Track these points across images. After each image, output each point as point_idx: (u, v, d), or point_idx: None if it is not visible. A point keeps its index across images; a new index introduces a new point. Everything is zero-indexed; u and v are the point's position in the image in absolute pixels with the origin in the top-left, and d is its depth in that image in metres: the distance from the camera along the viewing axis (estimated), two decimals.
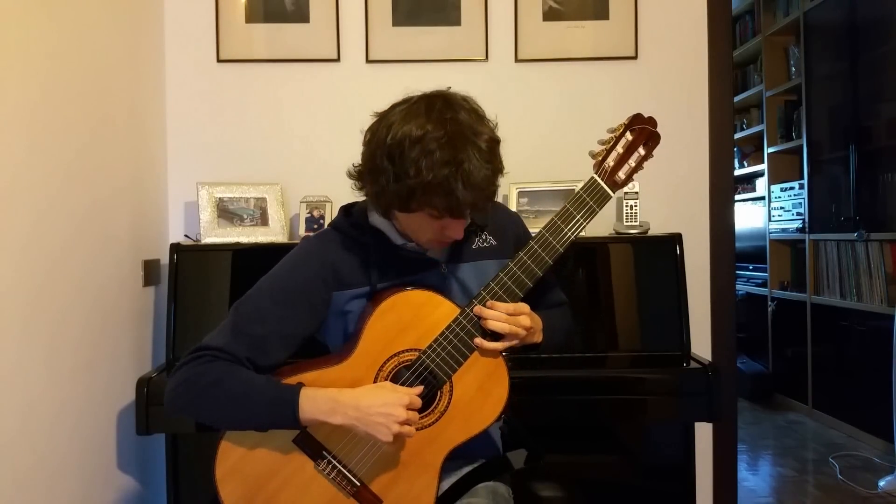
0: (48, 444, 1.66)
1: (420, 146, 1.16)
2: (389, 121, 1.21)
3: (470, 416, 1.28)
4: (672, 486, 2.08)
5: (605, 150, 1.33)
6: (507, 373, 1.29)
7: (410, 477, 1.28)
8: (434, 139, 1.16)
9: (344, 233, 1.34)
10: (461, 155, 1.16)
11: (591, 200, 1.30)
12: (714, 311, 2.39)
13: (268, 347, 1.26)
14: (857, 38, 3.76)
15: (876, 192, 3.62)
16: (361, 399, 1.21)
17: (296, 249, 1.35)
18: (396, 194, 1.19)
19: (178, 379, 1.24)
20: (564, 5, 2.36)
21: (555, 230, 1.29)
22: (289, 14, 2.34)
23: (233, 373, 1.22)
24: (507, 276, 1.27)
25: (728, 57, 2.43)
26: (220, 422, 1.26)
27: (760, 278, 4.71)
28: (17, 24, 1.54)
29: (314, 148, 2.36)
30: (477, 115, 1.22)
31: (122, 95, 2.06)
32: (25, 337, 1.57)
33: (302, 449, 1.26)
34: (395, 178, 1.18)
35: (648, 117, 1.34)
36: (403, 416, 1.19)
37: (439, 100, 1.21)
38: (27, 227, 1.57)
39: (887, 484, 2.97)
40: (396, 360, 1.27)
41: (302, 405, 1.20)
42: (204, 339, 1.27)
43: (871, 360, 3.51)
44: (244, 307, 1.28)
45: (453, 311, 1.27)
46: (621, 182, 1.33)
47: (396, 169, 1.18)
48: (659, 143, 1.34)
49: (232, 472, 1.26)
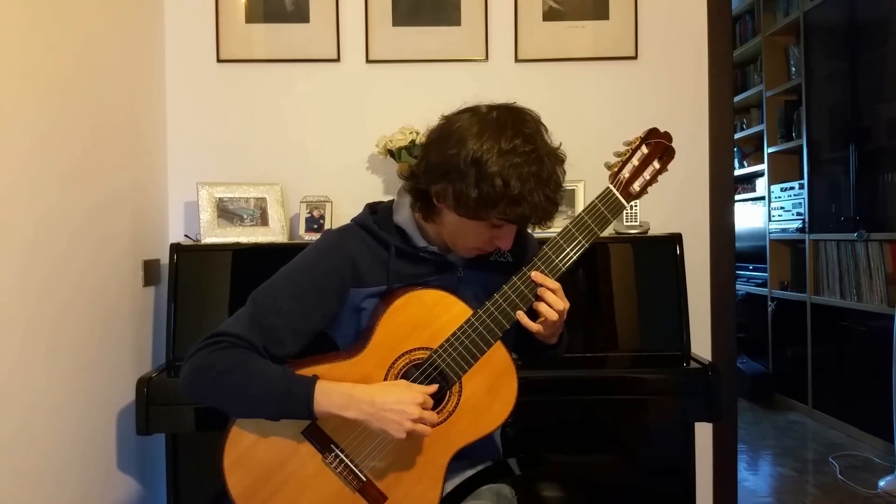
0: (48, 444, 1.66)
1: (509, 158, 1.19)
2: (466, 128, 1.23)
3: (478, 418, 1.29)
4: (672, 486, 2.08)
5: (621, 161, 1.35)
6: (517, 377, 1.29)
7: (417, 475, 1.28)
8: (524, 153, 1.19)
9: (367, 229, 1.35)
10: (547, 170, 1.21)
11: (606, 210, 1.33)
12: (714, 311, 2.39)
13: (283, 338, 1.27)
14: (857, 38, 3.76)
15: (876, 192, 3.62)
16: (376, 395, 1.22)
17: (317, 242, 1.37)
18: (476, 200, 1.20)
19: (194, 363, 1.24)
20: (564, 5, 2.36)
21: (569, 237, 1.31)
22: (289, 14, 2.34)
23: (249, 361, 1.23)
24: (521, 281, 1.29)
25: (728, 57, 2.43)
26: (234, 408, 1.27)
27: (760, 278, 4.71)
28: (18, 24, 1.54)
29: (314, 148, 2.37)
30: (546, 130, 1.28)
31: (122, 95, 2.06)
32: (26, 336, 1.57)
33: (311, 441, 1.27)
34: (476, 183, 1.20)
35: (664, 132, 1.37)
36: (417, 413, 1.20)
37: (514, 113, 1.26)
38: (29, 228, 1.57)
39: (887, 484, 2.97)
40: (408, 358, 1.28)
41: (317, 398, 1.21)
42: (221, 325, 1.28)
43: (871, 360, 3.51)
44: (263, 297, 1.30)
45: (466, 312, 1.28)
46: (636, 194, 1.35)
47: (479, 176, 1.19)
48: (674, 157, 1.37)
49: (240, 461, 1.27)
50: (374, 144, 2.25)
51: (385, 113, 2.33)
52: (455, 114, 1.29)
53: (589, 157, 1.56)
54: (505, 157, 1.19)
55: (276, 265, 1.35)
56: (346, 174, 2.35)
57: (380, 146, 2.22)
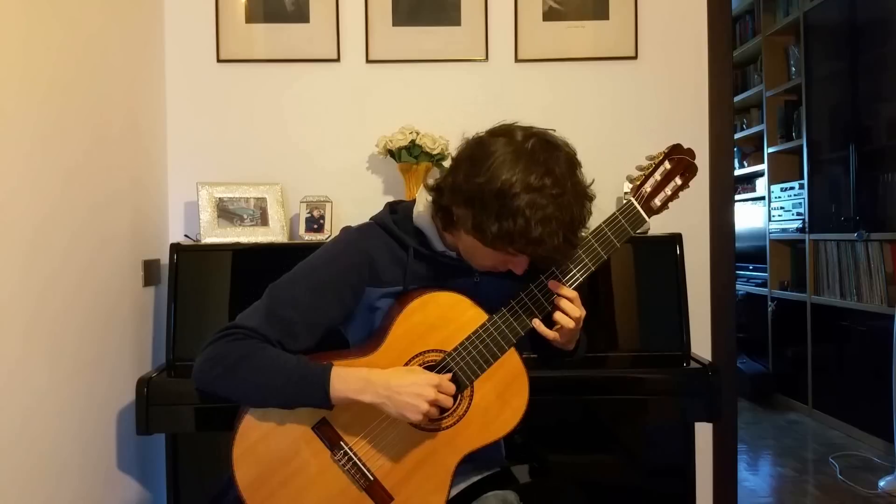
0: (49, 444, 1.66)
1: (535, 197, 1.16)
2: (499, 156, 1.19)
3: (488, 423, 1.29)
4: (672, 486, 2.08)
5: (644, 175, 1.36)
6: (528, 385, 1.30)
7: (424, 477, 1.29)
8: (551, 196, 1.16)
9: (386, 229, 1.36)
10: (570, 215, 1.18)
11: (626, 223, 1.33)
12: (714, 311, 2.39)
13: (298, 332, 1.28)
14: (857, 38, 3.76)
15: (876, 192, 3.62)
16: (392, 378, 1.22)
17: (336, 239, 1.38)
18: (495, 234, 1.18)
19: (207, 354, 1.25)
20: (564, 5, 2.36)
21: (589, 249, 1.31)
22: (289, 14, 2.34)
23: (263, 349, 1.24)
24: (538, 288, 1.29)
25: (728, 57, 2.43)
26: (248, 398, 1.27)
27: (760, 278, 4.71)
28: (18, 24, 1.54)
29: (314, 148, 2.36)
30: (579, 167, 1.23)
31: (122, 95, 2.06)
32: (26, 336, 1.57)
33: (320, 438, 1.27)
34: (497, 217, 1.17)
35: (688, 148, 1.37)
36: (433, 395, 1.20)
37: (549, 147, 1.21)
38: (29, 228, 1.57)
39: (887, 484, 2.97)
40: (421, 360, 1.28)
41: (333, 383, 1.22)
42: (237, 318, 1.28)
43: (871, 360, 3.51)
44: (280, 291, 1.30)
45: (481, 316, 1.29)
46: (657, 209, 1.36)
47: (502, 210, 1.17)
48: (696, 174, 1.37)
49: (249, 453, 1.27)
50: (374, 144, 2.25)
51: (385, 113, 2.33)
52: (490, 135, 1.24)
53: (589, 157, 1.55)
54: (531, 196, 1.15)
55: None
56: (346, 174, 2.35)
57: (380, 146, 2.22)
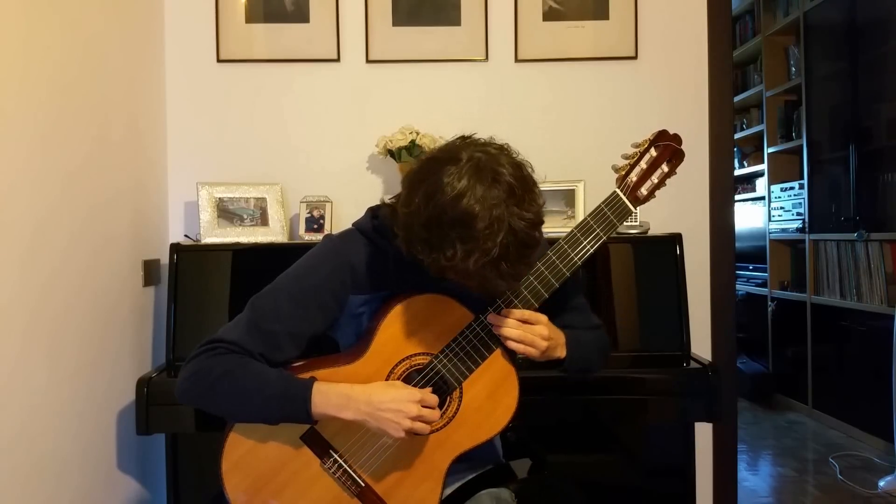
0: (49, 444, 1.66)
1: (467, 241, 1.10)
2: (445, 182, 1.12)
3: (479, 423, 1.29)
4: (672, 486, 2.08)
5: (629, 164, 1.32)
6: (518, 384, 1.29)
7: (415, 480, 1.28)
8: (484, 236, 1.09)
9: (367, 236, 1.34)
10: (503, 248, 1.11)
11: (612, 215, 1.31)
12: (714, 311, 2.38)
13: (282, 344, 1.27)
14: (857, 38, 3.76)
15: (876, 192, 3.62)
16: (373, 394, 1.22)
17: (317, 247, 1.36)
18: (429, 265, 1.16)
19: (190, 369, 1.24)
20: (564, 5, 2.36)
21: (574, 242, 1.30)
22: (289, 14, 2.34)
23: (245, 365, 1.23)
24: (524, 287, 1.27)
25: (728, 57, 2.42)
26: (231, 414, 1.27)
27: (760, 278, 4.71)
28: (18, 25, 1.54)
29: (314, 148, 2.36)
30: (528, 185, 1.17)
31: (122, 96, 2.06)
32: (27, 336, 1.57)
33: (309, 446, 1.27)
34: (429, 253, 1.14)
35: (674, 134, 1.34)
36: (414, 412, 1.20)
37: (489, 172, 1.13)
38: (29, 228, 1.57)
39: (887, 484, 2.97)
40: (408, 364, 1.27)
41: (314, 399, 1.21)
42: (219, 332, 1.27)
43: (871, 360, 3.51)
44: (261, 303, 1.29)
45: (467, 317, 1.28)
46: (643, 198, 1.33)
47: (431, 247, 1.14)
48: (683, 160, 1.33)
49: (238, 465, 1.27)
50: (374, 144, 2.25)
51: (385, 113, 2.33)
52: (437, 159, 1.17)
53: (589, 156, 1.56)
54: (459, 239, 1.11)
55: (276, 265, 1.35)
56: (346, 174, 2.35)
57: (380, 146, 2.22)
